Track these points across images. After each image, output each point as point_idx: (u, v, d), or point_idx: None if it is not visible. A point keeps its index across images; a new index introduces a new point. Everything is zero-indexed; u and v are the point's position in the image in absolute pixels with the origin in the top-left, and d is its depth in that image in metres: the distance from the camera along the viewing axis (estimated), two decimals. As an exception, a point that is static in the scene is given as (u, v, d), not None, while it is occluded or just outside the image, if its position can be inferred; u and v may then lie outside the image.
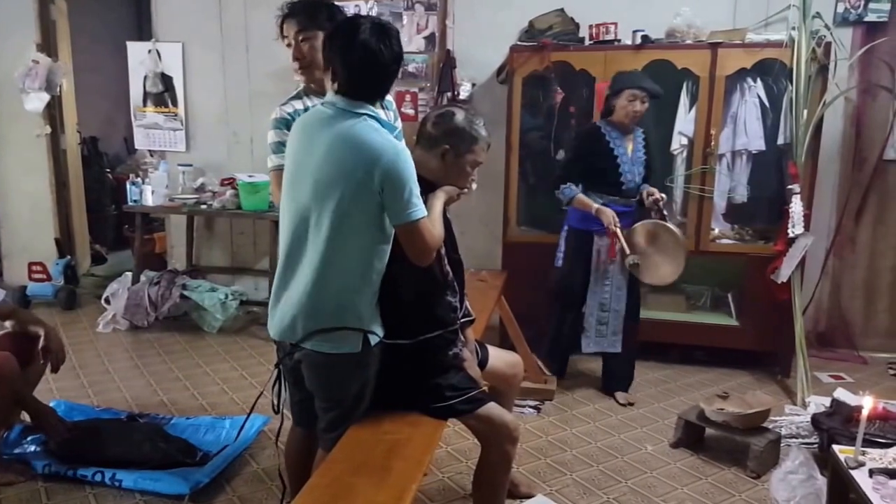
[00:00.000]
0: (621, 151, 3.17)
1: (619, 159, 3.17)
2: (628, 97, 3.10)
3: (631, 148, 3.21)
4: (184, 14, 4.58)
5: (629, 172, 3.19)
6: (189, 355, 3.90)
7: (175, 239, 4.85)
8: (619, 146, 3.17)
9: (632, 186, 3.20)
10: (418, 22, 4.20)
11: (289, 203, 1.79)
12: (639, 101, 3.10)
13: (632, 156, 3.20)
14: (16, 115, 4.83)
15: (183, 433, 2.83)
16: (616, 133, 3.19)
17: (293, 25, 2.04)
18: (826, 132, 3.59)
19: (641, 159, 3.23)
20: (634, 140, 3.23)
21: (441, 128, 1.95)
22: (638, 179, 3.22)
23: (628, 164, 3.18)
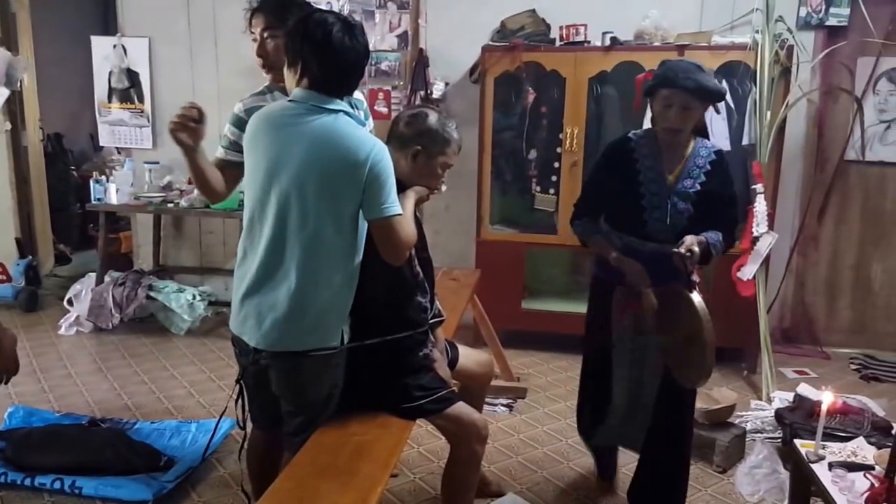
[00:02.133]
0: (651, 175, 2.18)
1: (642, 186, 2.18)
2: (662, 101, 2.10)
3: (676, 173, 2.18)
4: (150, 8, 4.49)
5: (657, 206, 2.15)
6: (155, 358, 3.83)
7: (141, 238, 4.76)
8: (649, 167, 2.18)
9: (662, 227, 2.16)
10: (391, 20, 4.18)
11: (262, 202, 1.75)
12: (676, 109, 2.07)
13: (673, 184, 2.17)
14: (-26, 110, 4.69)
15: (147, 438, 2.78)
16: (650, 149, 2.20)
17: (261, 21, 2.02)
18: (789, 133, 3.67)
19: (690, 193, 2.16)
20: (688, 163, 2.18)
21: (414, 128, 1.95)
22: (677, 220, 2.15)
23: (658, 193, 2.16)
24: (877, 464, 1.91)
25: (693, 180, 2.17)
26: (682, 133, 2.14)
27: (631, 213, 2.21)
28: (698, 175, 2.17)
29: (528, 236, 3.89)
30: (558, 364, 3.77)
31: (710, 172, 2.17)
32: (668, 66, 2.10)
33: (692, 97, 2.04)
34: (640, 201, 2.18)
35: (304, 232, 1.70)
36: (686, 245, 2.02)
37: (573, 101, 3.71)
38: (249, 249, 1.79)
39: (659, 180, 2.18)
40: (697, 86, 2.02)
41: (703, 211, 2.16)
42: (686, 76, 2.03)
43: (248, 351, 1.81)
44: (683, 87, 2.02)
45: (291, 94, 1.77)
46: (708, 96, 2.07)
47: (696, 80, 2.02)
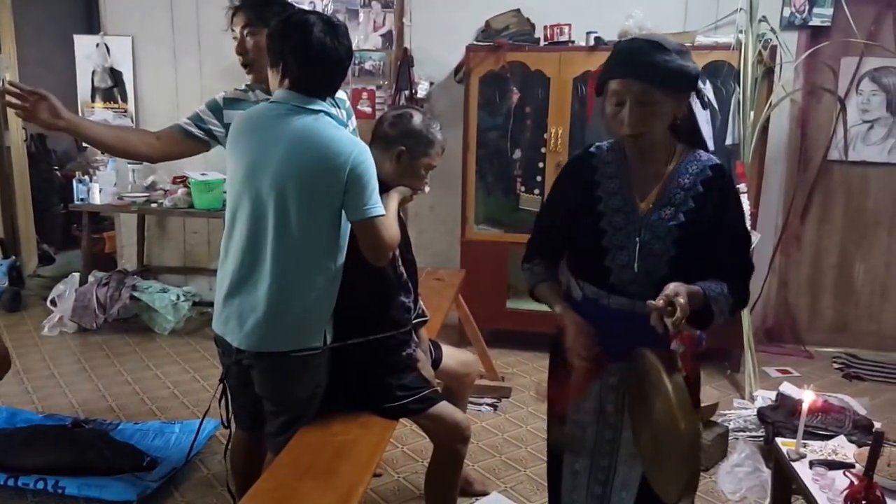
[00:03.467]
0: (614, 203, 1.57)
1: (603, 219, 1.57)
2: (612, 97, 1.49)
3: (650, 198, 1.55)
4: (133, 7, 4.45)
5: (622, 246, 1.55)
6: (139, 358, 3.80)
7: (125, 238, 4.72)
8: (612, 192, 1.58)
9: (630, 275, 1.55)
10: (375, 19, 4.17)
11: (243, 202, 1.75)
12: (631, 105, 1.45)
13: (645, 213, 1.55)
14: (-45, 110, 4.64)
15: (130, 439, 2.76)
16: (617, 167, 1.59)
17: (241, 19, 2.01)
18: (772, 133, 3.69)
19: (670, 226, 1.52)
20: (668, 185, 1.55)
21: (398, 129, 1.95)
22: (651, 265, 1.53)
23: (623, 227, 1.56)
24: (857, 462, 1.93)
25: (675, 208, 1.52)
26: (646, 139, 1.49)
27: (591, 254, 1.58)
28: (683, 200, 1.51)
29: (512, 236, 3.88)
30: (542, 363, 3.72)
31: (702, 196, 1.51)
32: (618, 48, 1.50)
33: (650, 85, 1.41)
34: (600, 239, 1.56)
35: (283, 232, 1.69)
36: (666, 295, 1.36)
37: (557, 101, 3.72)
38: (230, 250, 1.79)
39: (625, 209, 1.55)
40: (654, 69, 1.41)
41: (692, 252, 1.51)
42: (639, 58, 1.42)
43: (231, 351, 1.81)
44: (635, 75, 1.42)
45: (273, 95, 1.77)
46: (673, 81, 1.43)
47: (653, 61, 1.41)
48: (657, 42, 1.45)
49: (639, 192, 1.57)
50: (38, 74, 5.49)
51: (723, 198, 1.54)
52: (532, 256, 1.73)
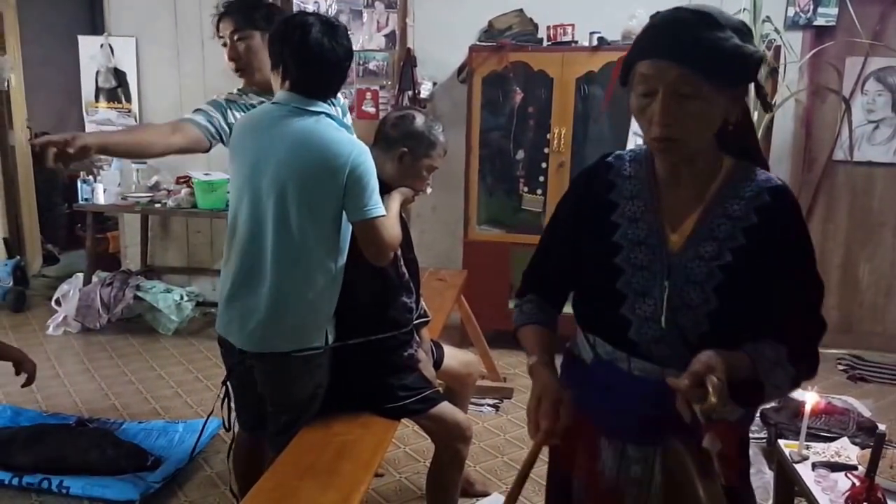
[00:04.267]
0: (636, 233, 1.20)
1: (619, 253, 1.21)
2: (640, 85, 1.10)
3: (686, 229, 1.18)
4: (137, 8, 4.47)
5: (644, 292, 1.18)
6: (142, 358, 3.81)
7: (129, 238, 4.74)
8: (633, 218, 1.21)
9: (655, 332, 1.18)
10: (378, 20, 4.17)
11: (244, 204, 1.76)
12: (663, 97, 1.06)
13: (678, 249, 1.18)
14: (-40, 110, 4.67)
15: (134, 438, 2.77)
16: (641, 184, 1.22)
17: (229, 24, 2.00)
18: (776, 133, 3.68)
19: (712, 268, 1.15)
20: (711, 211, 1.17)
21: (400, 130, 1.96)
22: (685, 319, 1.16)
23: (647, 267, 1.19)
24: (860, 464, 1.92)
25: (718, 244, 1.14)
26: (682, 147, 1.10)
27: (603, 300, 1.21)
28: (731, 234, 1.13)
29: (514, 236, 3.88)
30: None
31: (756, 229, 1.13)
32: (654, 20, 1.10)
33: (693, 71, 1.03)
34: (615, 281, 1.18)
35: (283, 233, 1.70)
36: (694, 372, 1.02)
37: (560, 101, 3.71)
38: (232, 251, 1.79)
39: (650, 242, 1.17)
40: (700, 48, 1.02)
41: (741, 303, 1.13)
42: (680, 33, 1.04)
43: (234, 352, 1.82)
44: (672, 54, 1.03)
45: (275, 97, 1.77)
46: (727, 68, 1.03)
47: (700, 37, 1.02)
48: (708, 13, 1.04)
49: (670, 220, 1.18)
50: (42, 74, 5.52)
51: (785, 232, 1.13)
52: (525, 291, 1.37)
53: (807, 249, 1.16)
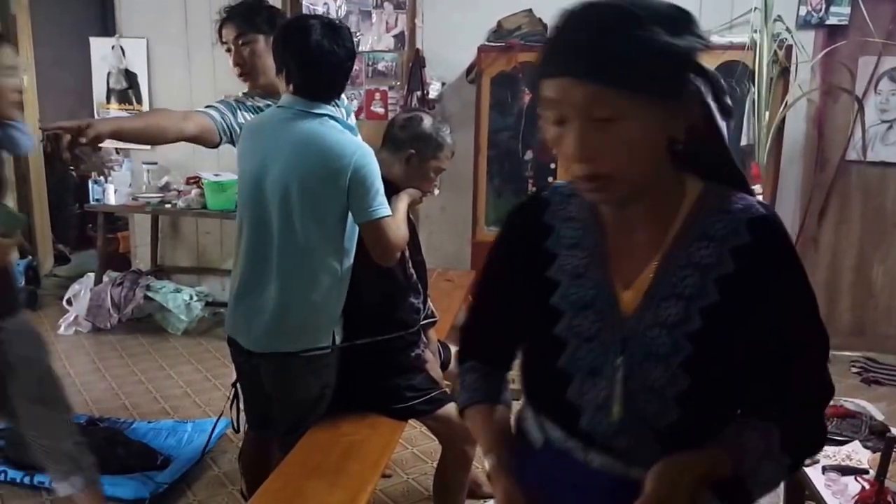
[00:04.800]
0: (578, 293, 0.91)
1: (560, 320, 0.91)
2: (544, 102, 0.84)
3: (642, 285, 0.88)
4: (147, 9, 4.49)
5: (594, 370, 0.89)
6: (152, 358, 3.83)
7: (139, 239, 4.76)
8: (576, 276, 0.92)
9: (605, 423, 0.89)
10: (387, 20, 4.17)
11: (250, 206, 1.77)
12: (575, 120, 0.79)
13: (630, 316, 0.88)
14: (-27, 111, 4.70)
15: (144, 437, 2.78)
16: (583, 229, 0.94)
17: (232, 30, 2.01)
18: (788, 134, 3.65)
19: (679, 338, 0.85)
20: (674, 260, 0.87)
21: (408, 132, 1.97)
22: (645, 404, 0.87)
23: (597, 338, 0.89)
24: (871, 468, 1.90)
25: (686, 302, 0.86)
26: (620, 182, 0.83)
27: (547, 379, 0.94)
28: (700, 288, 0.86)
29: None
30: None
31: (734, 277, 0.85)
32: (559, 21, 0.82)
33: (606, 87, 0.77)
34: (556, 358, 0.91)
35: (288, 235, 1.70)
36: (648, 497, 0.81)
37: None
38: (240, 252, 1.81)
39: (597, 304, 0.90)
40: (611, 54, 0.76)
41: (719, 378, 0.88)
42: (582, 41, 0.78)
43: (242, 352, 1.83)
44: (573, 70, 0.78)
45: (280, 100, 1.78)
46: (650, 76, 0.77)
47: (608, 41, 0.76)
48: (619, 5, 0.77)
49: (621, 274, 0.90)
50: (54, 76, 5.56)
51: (774, 277, 0.85)
52: (465, 356, 1.09)
53: (804, 296, 0.88)
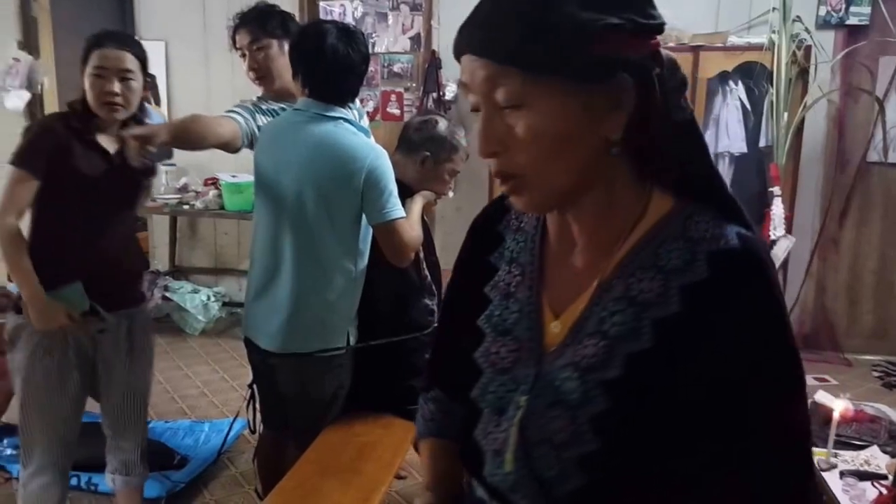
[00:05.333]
0: (503, 317, 0.78)
1: (481, 343, 0.78)
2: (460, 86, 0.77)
3: (572, 316, 0.73)
4: (166, 12, 4.55)
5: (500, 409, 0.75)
6: (169, 357, 3.87)
7: (157, 239, 4.82)
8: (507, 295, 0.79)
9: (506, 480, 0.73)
10: (403, 22, 4.19)
11: (265, 208, 1.80)
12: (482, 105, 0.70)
13: (552, 351, 0.73)
14: (-4, 113, 4.79)
15: (161, 437, 2.80)
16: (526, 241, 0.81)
17: (246, 35, 2.03)
18: (808, 134, 3.61)
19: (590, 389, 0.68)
20: (608, 291, 0.71)
21: (423, 134, 1.98)
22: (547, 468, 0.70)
23: (510, 371, 0.75)
24: (889, 473, 1.87)
25: (609, 344, 0.69)
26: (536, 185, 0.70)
27: (464, 410, 0.82)
28: (633, 329, 0.68)
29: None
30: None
31: (679, 321, 0.67)
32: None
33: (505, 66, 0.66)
34: (471, 387, 0.79)
35: (302, 237, 1.72)
36: None
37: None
38: (255, 254, 1.83)
39: (519, 333, 0.77)
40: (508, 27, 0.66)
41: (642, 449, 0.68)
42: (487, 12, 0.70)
43: (258, 351, 1.85)
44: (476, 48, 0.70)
45: (296, 104, 1.80)
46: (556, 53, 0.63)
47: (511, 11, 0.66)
48: None
49: (553, 298, 0.77)
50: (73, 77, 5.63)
51: (733, 331, 0.65)
52: (429, 382, 0.97)
53: (777, 363, 0.67)
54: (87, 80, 1.77)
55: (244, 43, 2.04)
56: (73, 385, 1.88)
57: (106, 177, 1.80)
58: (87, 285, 1.82)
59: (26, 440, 1.88)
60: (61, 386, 1.85)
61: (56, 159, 1.74)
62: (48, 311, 1.74)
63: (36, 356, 1.80)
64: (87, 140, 1.79)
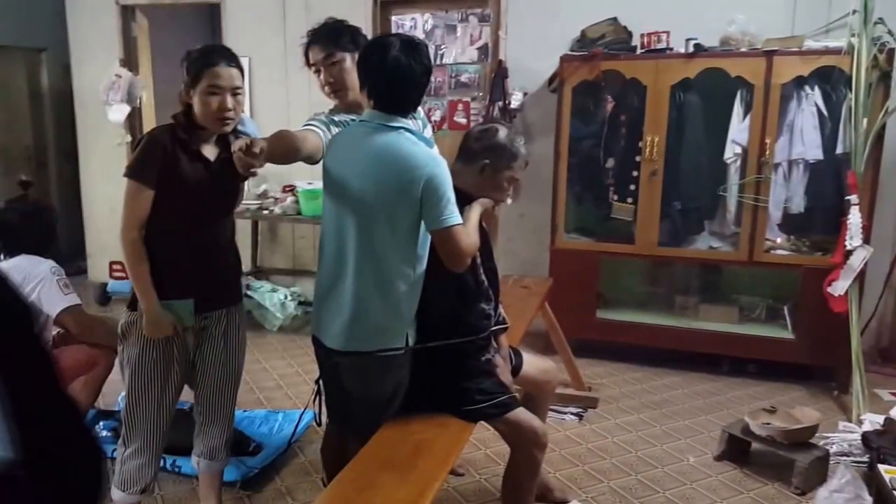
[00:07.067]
0: None
1: None
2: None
3: None
4: (251, 30, 4.84)
5: None
6: (250, 351, 3.99)
7: (240, 242, 5.03)
8: None
9: None
10: (472, 33, 4.29)
11: (331, 214, 1.90)
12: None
13: None
14: (99, 125, 5.22)
15: (239, 424, 2.97)
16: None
17: (319, 51, 2.12)
18: (889, 142, 3.45)
19: None
20: None
21: (482, 143, 2.04)
22: None
23: None
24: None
25: None
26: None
27: None
28: None
29: (603, 245, 3.87)
30: (632, 375, 3.74)
31: None
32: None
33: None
34: None
35: (364, 242, 1.82)
36: None
37: (654, 108, 3.67)
38: (322, 257, 1.95)
39: None
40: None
41: None
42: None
43: (324, 349, 1.96)
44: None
45: (362, 115, 1.90)
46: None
47: None
48: None
49: None
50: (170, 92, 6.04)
51: None
52: None
53: None
54: (201, 97, 1.91)
55: (318, 58, 2.13)
56: (174, 378, 2.08)
57: (209, 184, 1.98)
58: (194, 287, 2.00)
59: (129, 424, 2.08)
60: (165, 379, 2.06)
61: (166, 169, 1.91)
62: (159, 322, 1.95)
63: (145, 351, 2.01)
64: (192, 150, 1.97)
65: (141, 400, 2.05)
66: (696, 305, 3.93)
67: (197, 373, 2.16)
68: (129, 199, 1.92)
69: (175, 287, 1.98)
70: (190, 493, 2.56)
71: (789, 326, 3.71)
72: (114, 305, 4.89)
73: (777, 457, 2.72)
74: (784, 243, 3.70)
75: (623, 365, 3.84)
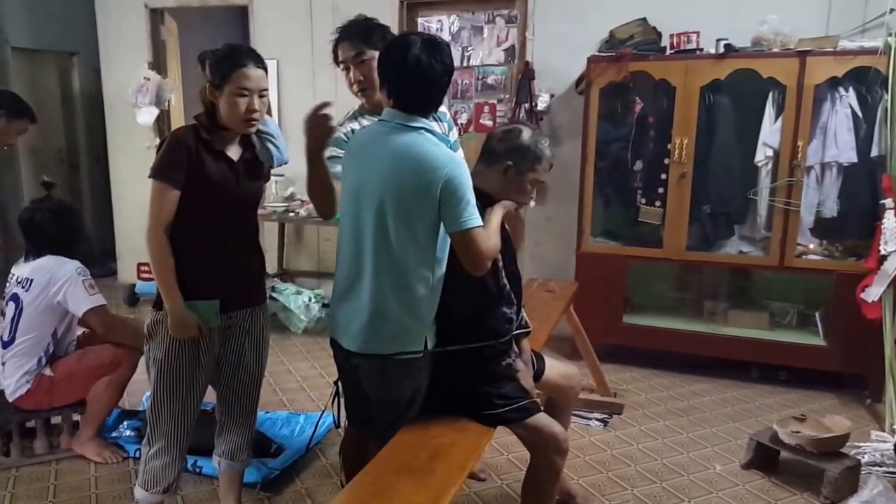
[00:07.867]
0: None
1: None
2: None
3: None
4: (279, 33, 4.88)
5: None
6: (274, 353, 4.10)
7: (266, 244, 5.11)
8: None
9: None
10: (498, 34, 4.27)
11: (349, 215, 1.89)
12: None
13: None
14: (128, 127, 5.31)
15: (261, 426, 2.99)
16: None
17: (349, 48, 2.10)
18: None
19: None
20: None
21: (506, 144, 2.01)
22: None
23: None
24: None
25: None
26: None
27: None
28: None
29: (631, 249, 3.82)
30: (659, 381, 3.67)
31: None
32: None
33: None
34: None
35: (382, 244, 1.80)
36: None
37: (683, 110, 3.61)
38: (339, 259, 1.94)
39: None
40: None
41: None
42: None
43: (343, 352, 1.96)
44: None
45: (382, 114, 1.88)
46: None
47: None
48: None
49: None
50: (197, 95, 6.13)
51: None
52: None
53: None
54: (229, 98, 1.93)
55: (348, 56, 2.11)
56: (199, 378, 2.09)
57: (233, 183, 1.99)
58: (219, 287, 2.01)
59: (155, 423, 2.10)
60: (191, 379, 2.06)
61: (191, 170, 1.92)
62: (184, 322, 1.96)
63: (171, 351, 2.02)
64: (216, 151, 1.98)
65: (166, 399, 2.06)
66: (726, 311, 3.85)
67: (220, 373, 2.16)
68: (154, 199, 1.94)
69: (200, 287, 1.99)
70: (210, 494, 2.57)
71: (821, 333, 3.61)
72: (142, 306, 4.97)
73: (806, 466, 2.64)
74: (816, 248, 3.61)
75: (649, 371, 3.77)
